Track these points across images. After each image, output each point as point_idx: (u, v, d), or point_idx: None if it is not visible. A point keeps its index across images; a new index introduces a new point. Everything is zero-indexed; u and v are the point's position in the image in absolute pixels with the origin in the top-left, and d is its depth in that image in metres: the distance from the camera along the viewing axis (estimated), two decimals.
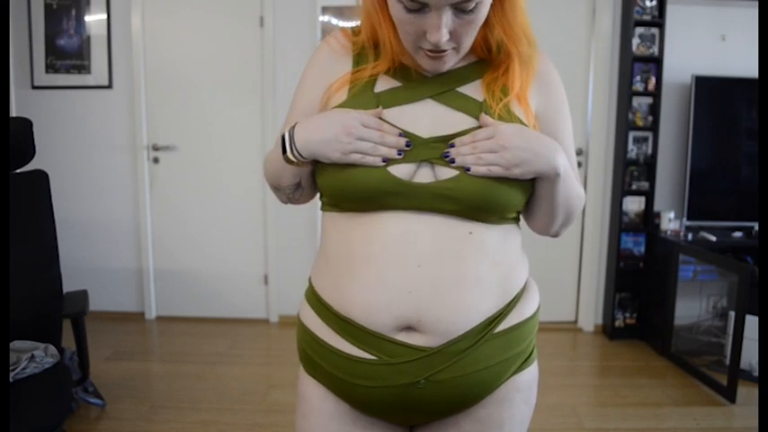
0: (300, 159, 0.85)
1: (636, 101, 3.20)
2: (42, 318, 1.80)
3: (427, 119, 0.85)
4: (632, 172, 3.23)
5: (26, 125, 1.81)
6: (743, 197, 3.18)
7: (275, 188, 0.98)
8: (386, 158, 0.82)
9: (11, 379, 1.58)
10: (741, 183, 3.20)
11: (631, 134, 3.22)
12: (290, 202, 1.01)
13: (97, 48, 3.37)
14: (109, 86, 3.40)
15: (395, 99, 0.86)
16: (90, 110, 3.43)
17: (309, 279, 0.95)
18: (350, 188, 0.83)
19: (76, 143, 3.45)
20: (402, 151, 0.82)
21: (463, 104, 0.86)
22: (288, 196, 0.98)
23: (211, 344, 3.18)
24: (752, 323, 2.61)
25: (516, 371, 0.89)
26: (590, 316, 3.47)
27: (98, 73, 3.39)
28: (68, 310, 1.79)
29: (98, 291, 3.16)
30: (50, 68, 3.38)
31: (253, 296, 3.55)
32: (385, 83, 0.88)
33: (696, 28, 3.27)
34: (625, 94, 3.18)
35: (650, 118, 3.21)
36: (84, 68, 3.39)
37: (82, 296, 1.87)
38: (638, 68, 3.15)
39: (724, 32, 3.27)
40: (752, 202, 3.15)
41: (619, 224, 3.26)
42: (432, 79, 0.88)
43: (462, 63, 0.90)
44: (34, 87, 3.40)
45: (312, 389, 0.92)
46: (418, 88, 0.88)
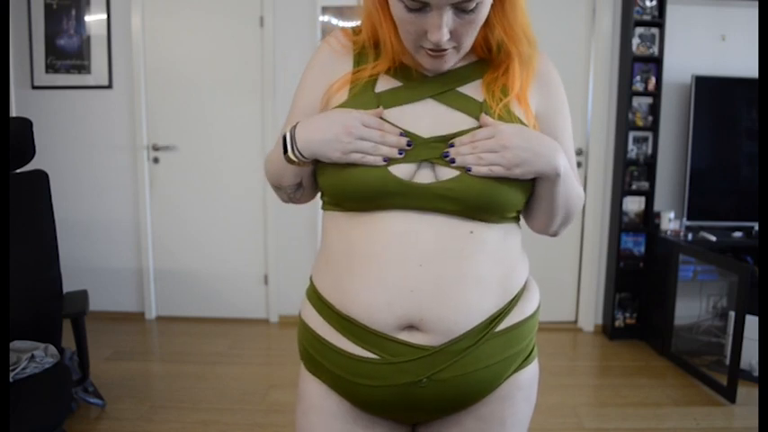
0: (301, 159, 0.85)
1: (636, 101, 3.20)
2: (42, 318, 1.80)
3: (427, 119, 0.85)
4: (632, 172, 3.23)
5: (26, 125, 1.81)
6: (743, 197, 3.18)
7: (276, 188, 0.98)
8: (387, 158, 0.82)
9: (11, 379, 1.58)
10: (741, 183, 3.20)
11: (631, 134, 3.22)
12: (291, 202, 1.01)
13: (97, 48, 3.37)
14: (109, 86, 3.40)
15: (395, 99, 0.87)
16: (90, 110, 3.43)
17: (311, 278, 0.95)
18: (351, 188, 0.83)
19: (76, 143, 3.45)
20: (403, 151, 0.82)
21: (463, 104, 0.86)
22: (289, 196, 0.98)
23: (211, 344, 3.18)
24: (752, 323, 2.61)
25: (517, 369, 0.90)
26: (590, 316, 3.47)
27: (98, 73, 3.39)
28: (68, 310, 1.79)
29: (98, 291, 3.16)
30: (50, 68, 3.38)
31: (253, 296, 3.55)
32: (386, 83, 0.88)
33: (696, 28, 3.27)
34: (625, 94, 3.18)
35: (650, 118, 3.21)
36: (84, 68, 3.39)
37: (82, 296, 1.87)
38: (638, 68, 3.15)
39: (724, 32, 3.27)
40: (752, 202, 3.15)
41: (619, 224, 3.26)
42: (432, 79, 0.88)
43: (463, 63, 0.90)
44: (34, 87, 3.40)
45: (313, 387, 0.92)
46: (419, 88, 0.88)
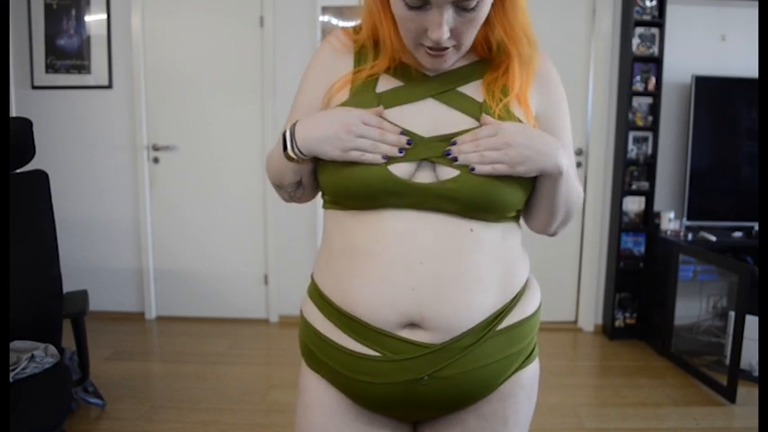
0: (301, 157, 0.86)
1: (636, 101, 3.20)
2: (42, 318, 1.80)
3: (428, 118, 0.86)
4: (632, 172, 3.23)
5: (26, 125, 1.81)
6: (743, 197, 3.18)
7: (277, 186, 0.98)
8: (387, 156, 0.82)
9: (11, 379, 1.58)
10: (741, 183, 3.20)
11: (631, 134, 3.22)
12: (292, 201, 1.01)
13: (97, 48, 3.37)
14: (109, 86, 3.40)
15: (396, 99, 0.87)
16: (90, 110, 3.43)
17: (312, 275, 0.95)
18: (351, 186, 0.83)
19: (76, 143, 3.45)
20: (403, 149, 0.82)
21: (463, 104, 0.86)
22: (290, 194, 0.98)
23: (211, 344, 3.18)
24: (752, 323, 2.61)
25: (519, 368, 0.90)
26: (590, 316, 3.47)
27: (98, 73, 3.39)
28: (68, 310, 1.79)
29: (98, 291, 3.16)
30: (50, 68, 3.38)
31: (253, 296, 3.55)
32: (386, 82, 0.89)
33: (696, 28, 3.27)
34: (625, 94, 3.18)
35: (650, 118, 3.21)
36: (84, 68, 3.39)
37: (82, 296, 1.87)
38: (638, 68, 3.15)
39: (724, 32, 3.27)
40: (752, 202, 3.15)
41: (619, 224, 3.26)
42: (433, 79, 0.89)
43: (463, 62, 0.90)
44: (34, 87, 3.40)
45: (314, 382, 0.92)
46: (419, 88, 0.88)
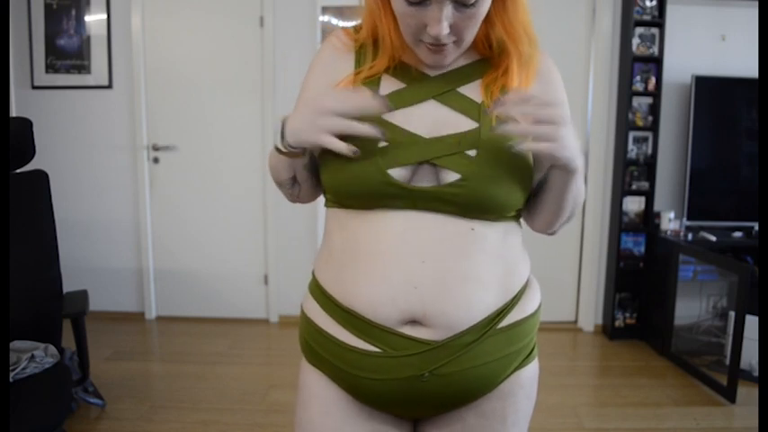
0: (290, 149, 0.86)
1: (636, 101, 3.20)
2: (42, 318, 1.80)
3: (429, 119, 0.86)
4: (632, 172, 3.23)
5: (26, 125, 1.81)
6: (743, 197, 3.18)
7: (278, 184, 0.98)
8: (357, 150, 0.79)
9: (11, 379, 1.58)
10: (741, 183, 3.20)
11: (631, 134, 3.22)
12: (295, 201, 1.01)
13: (97, 48, 3.37)
14: (109, 86, 3.40)
15: (400, 101, 0.87)
16: (90, 110, 3.43)
17: (313, 272, 0.95)
18: (352, 189, 0.84)
19: (76, 143, 3.45)
20: (384, 133, 0.80)
21: (463, 105, 0.87)
22: (289, 193, 0.98)
23: (211, 344, 3.18)
24: (752, 323, 2.61)
25: (518, 367, 0.90)
26: (590, 316, 3.47)
27: (98, 73, 3.39)
28: (68, 310, 1.79)
29: (98, 291, 3.16)
30: (50, 68, 3.38)
31: (253, 296, 3.55)
32: (389, 84, 0.89)
33: (696, 28, 3.27)
34: (625, 94, 3.18)
35: (650, 118, 3.21)
36: (84, 68, 3.39)
37: (82, 296, 1.87)
38: (638, 68, 3.15)
39: (724, 32, 3.27)
40: (752, 202, 3.15)
41: (619, 224, 3.26)
42: (433, 79, 0.89)
43: (464, 61, 0.90)
44: (34, 87, 3.40)
45: (314, 377, 0.92)
46: (421, 89, 0.88)
